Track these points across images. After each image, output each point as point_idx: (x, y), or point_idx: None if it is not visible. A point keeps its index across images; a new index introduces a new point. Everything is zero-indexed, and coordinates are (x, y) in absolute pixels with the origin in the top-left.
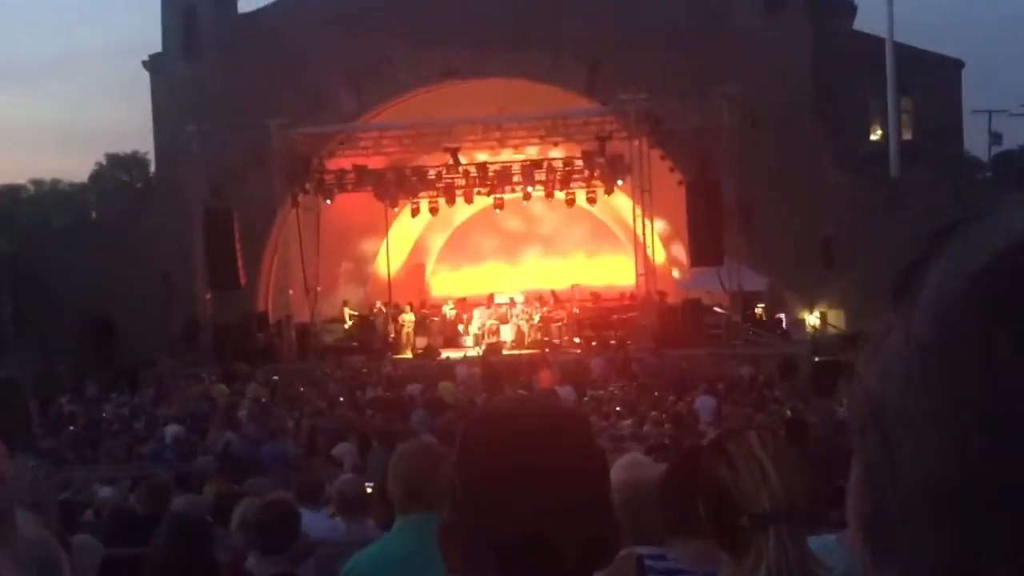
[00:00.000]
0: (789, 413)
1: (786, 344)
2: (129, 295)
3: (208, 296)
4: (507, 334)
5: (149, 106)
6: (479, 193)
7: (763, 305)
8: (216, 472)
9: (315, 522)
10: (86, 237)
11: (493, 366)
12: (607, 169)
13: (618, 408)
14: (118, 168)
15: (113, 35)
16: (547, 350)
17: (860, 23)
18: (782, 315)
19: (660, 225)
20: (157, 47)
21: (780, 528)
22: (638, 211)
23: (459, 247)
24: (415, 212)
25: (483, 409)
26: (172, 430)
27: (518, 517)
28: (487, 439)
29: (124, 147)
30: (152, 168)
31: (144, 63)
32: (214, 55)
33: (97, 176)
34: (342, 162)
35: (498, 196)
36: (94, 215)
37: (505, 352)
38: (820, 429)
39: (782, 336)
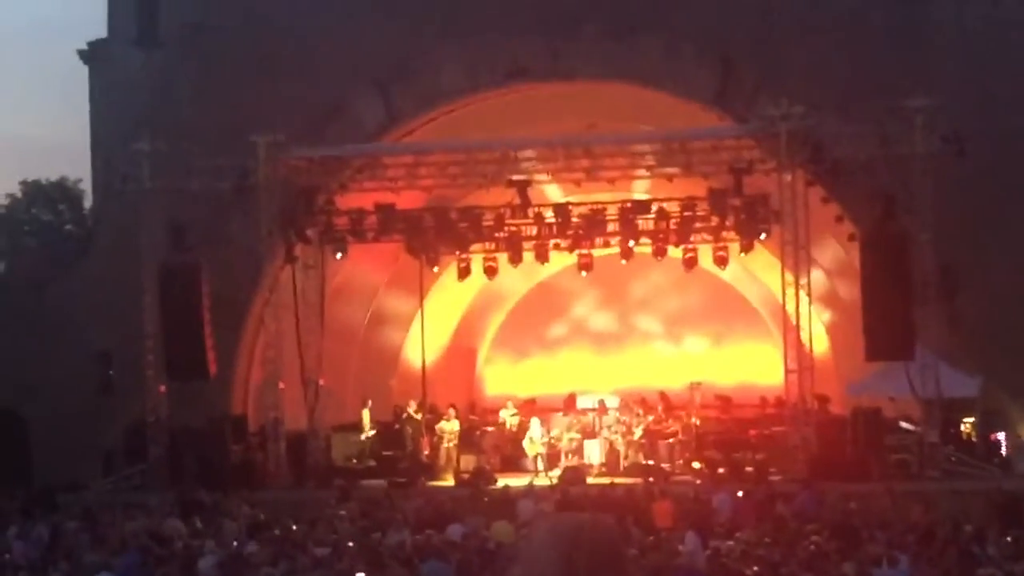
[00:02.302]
0: None
1: (1006, 478)
2: (47, 385)
3: (162, 389)
4: (594, 454)
5: (85, 113)
6: (557, 247)
7: (972, 420)
8: None
9: None
10: None
11: (573, 502)
12: (745, 215)
13: (756, 568)
14: (37, 202)
15: (35, 9)
16: (652, 479)
17: None
18: (1001, 435)
19: (822, 298)
20: (101, 30)
21: None
22: (790, 278)
23: (526, 326)
24: (464, 274)
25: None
26: None
27: None
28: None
29: (47, 171)
30: (87, 203)
31: (80, 52)
32: (180, 44)
33: (7, 213)
34: (360, 199)
35: (584, 252)
36: (0, 268)
37: (590, 480)
38: None
39: (1000, 466)
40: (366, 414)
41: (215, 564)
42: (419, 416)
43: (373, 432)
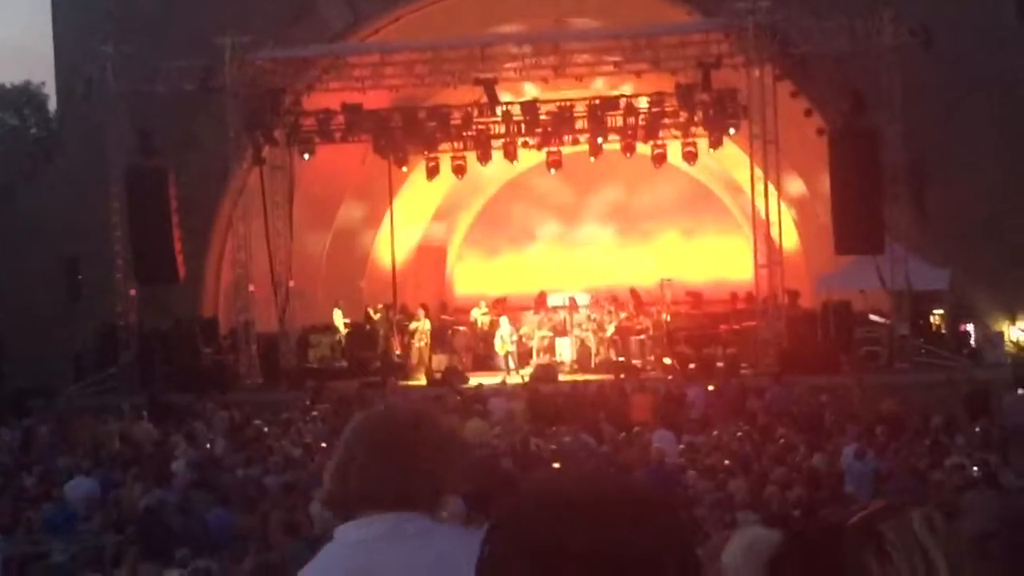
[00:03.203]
0: (976, 471)
1: (975, 369)
2: (17, 291)
3: (132, 293)
4: (565, 352)
5: (48, 15)
6: (526, 145)
7: (941, 312)
8: (138, 549)
9: None
10: None
11: (545, 399)
12: (714, 111)
13: (727, 462)
14: (1, 107)
15: None
16: (623, 375)
17: None
18: (969, 326)
19: (791, 193)
20: None
21: None
22: (759, 173)
23: (496, 224)
24: (432, 173)
25: (518, 493)
26: (77, 487)
27: None
28: (523, 543)
29: (11, 76)
30: (52, 107)
31: None
32: None
33: None
34: (327, 99)
35: (552, 150)
36: None
37: (562, 378)
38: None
39: (969, 357)
40: (338, 315)
41: (187, 465)
42: (389, 316)
43: (346, 332)
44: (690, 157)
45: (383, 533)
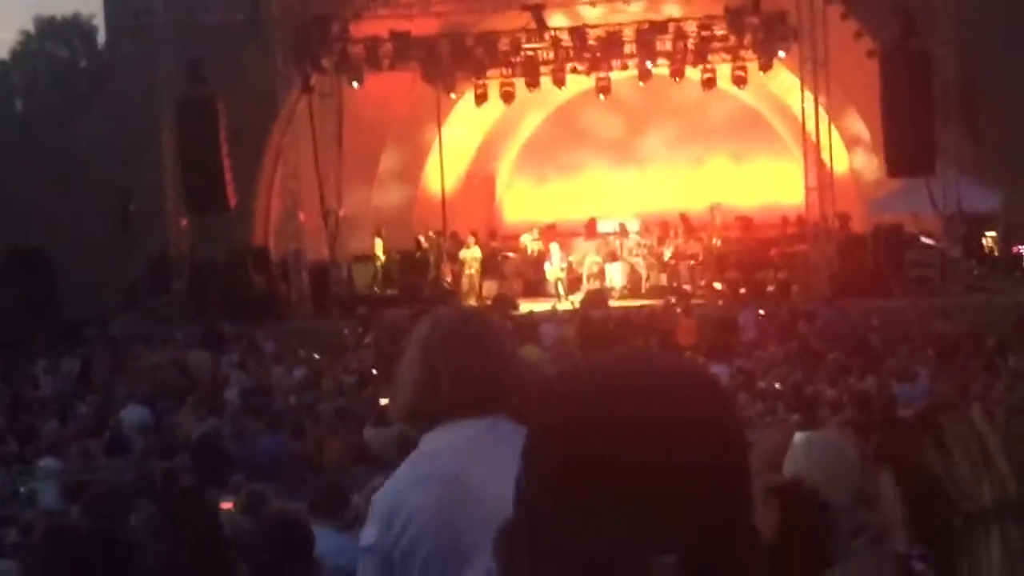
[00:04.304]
0: None
1: None
2: (70, 221)
3: (184, 223)
4: (616, 277)
5: None
6: (574, 71)
7: (995, 234)
8: (193, 475)
9: (335, 544)
10: (8, 138)
11: (595, 324)
12: (763, 33)
13: (777, 385)
14: (52, 38)
15: None
16: (675, 300)
17: None
18: (1023, 248)
19: (842, 116)
20: None
21: (1008, 527)
22: (809, 96)
23: (545, 151)
24: (481, 99)
25: (565, 370)
26: (133, 415)
27: (610, 529)
28: (570, 415)
29: (61, 8)
30: (101, 38)
31: None
32: None
33: (22, 51)
34: (375, 27)
35: (602, 75)
36: (18, 107)
37: (613, 303)
38: None
39: (1023, 279)
40: (379, 243)
41: (241, 392)
42: (440, 243)
43: (392, 261)
44: (739, 81)
45: (474, 438)
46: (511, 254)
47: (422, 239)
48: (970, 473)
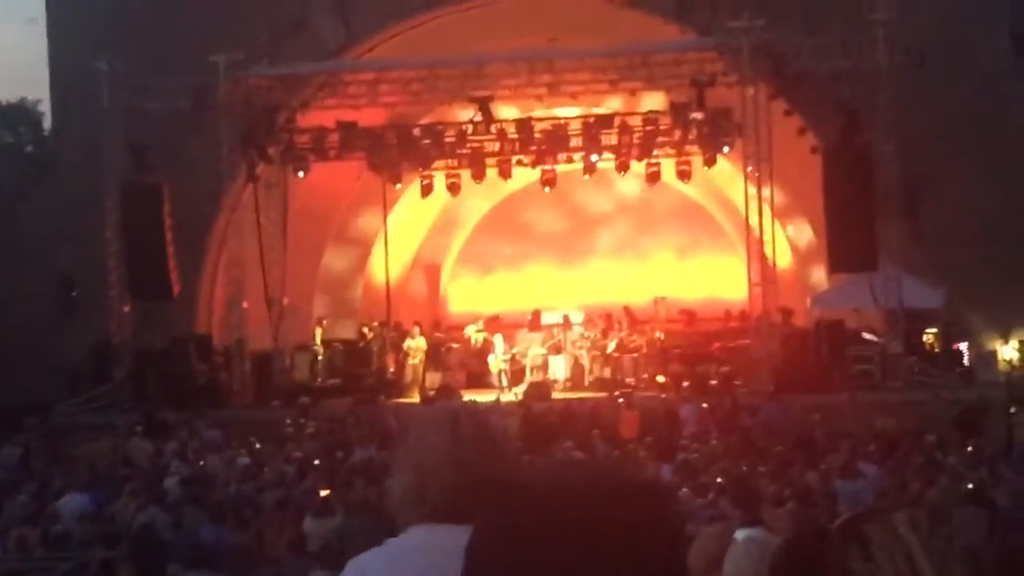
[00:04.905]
0: (970, 487)
1: (969, 388)
2: (12, 307)
3: (127, 309)
4: (559, 369)
5: (43, 32)
6: (520, 163)
7: (935, 331)
8: (131, 565)
9: None
10: None
11: (538, 417)
12: (707, 129)
13: (719, 480)
14: None
15: None
16: (618, 393)
17: None
18: (963, 345)
19: (785, 212)
20: None
21: None
22: (752, 191)
23: (490, 243)
24: (427, 191)
25: (510, 479)
26: (72, 503)
27: None
28: (513, 529)
29: (6, 93)
30: (47, 123)
31: None
32: None
33: None
34: (321, 117)
35: (547, 168)
36: None
37: (556, 396)
38: (1015, 513)
39: (962, 376)
40: (318, 332)
41: (180, 482)
42: (383, 334)
43: (334, 351)
44: (684, 175)
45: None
46: (455, 345)
47: (366, 329)
48: None
